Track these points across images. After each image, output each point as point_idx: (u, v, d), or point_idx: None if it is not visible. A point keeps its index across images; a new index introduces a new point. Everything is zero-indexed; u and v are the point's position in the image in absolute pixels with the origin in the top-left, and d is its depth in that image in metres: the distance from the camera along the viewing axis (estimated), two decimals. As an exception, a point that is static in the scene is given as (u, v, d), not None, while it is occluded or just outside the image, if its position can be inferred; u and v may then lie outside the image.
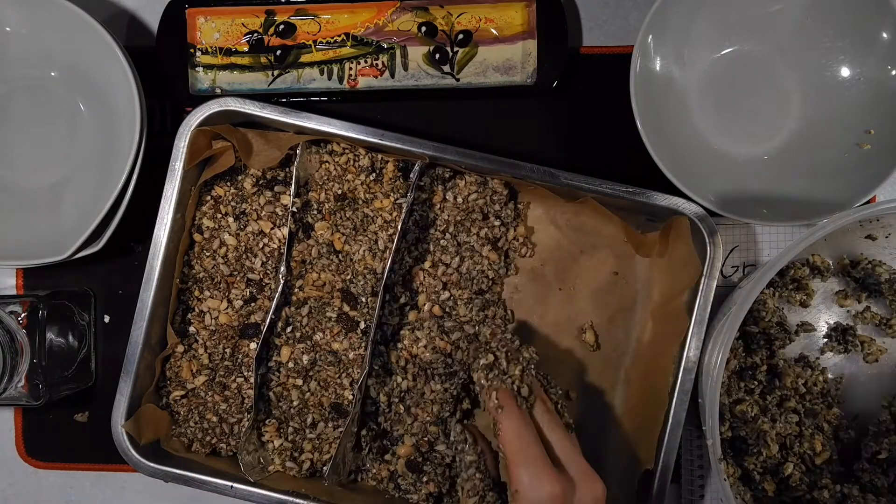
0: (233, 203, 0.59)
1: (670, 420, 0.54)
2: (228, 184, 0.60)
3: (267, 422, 0.58)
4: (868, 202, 0.56)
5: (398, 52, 0.61)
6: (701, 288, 0.55)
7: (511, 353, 0.51)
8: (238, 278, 0.59)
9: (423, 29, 0.60)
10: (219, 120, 0.57)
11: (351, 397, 0.58)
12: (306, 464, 0.58)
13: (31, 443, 0.63)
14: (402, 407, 0.57)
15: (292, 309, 0.58)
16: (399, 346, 0.58)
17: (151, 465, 0.56)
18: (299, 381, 0.58)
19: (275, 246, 0.59)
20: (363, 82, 0.61)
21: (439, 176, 0.59)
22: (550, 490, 0.45)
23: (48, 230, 0.59)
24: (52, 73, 0.61)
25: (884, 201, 0.57)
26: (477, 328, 0.58)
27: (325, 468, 0.57)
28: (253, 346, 0.59)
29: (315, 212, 0.59)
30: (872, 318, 0.59)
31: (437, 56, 0.61)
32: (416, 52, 0.61)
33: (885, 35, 0.56)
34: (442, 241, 0.59)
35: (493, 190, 0.59)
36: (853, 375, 0.60)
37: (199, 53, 0.61)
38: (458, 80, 0.61)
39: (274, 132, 0.58)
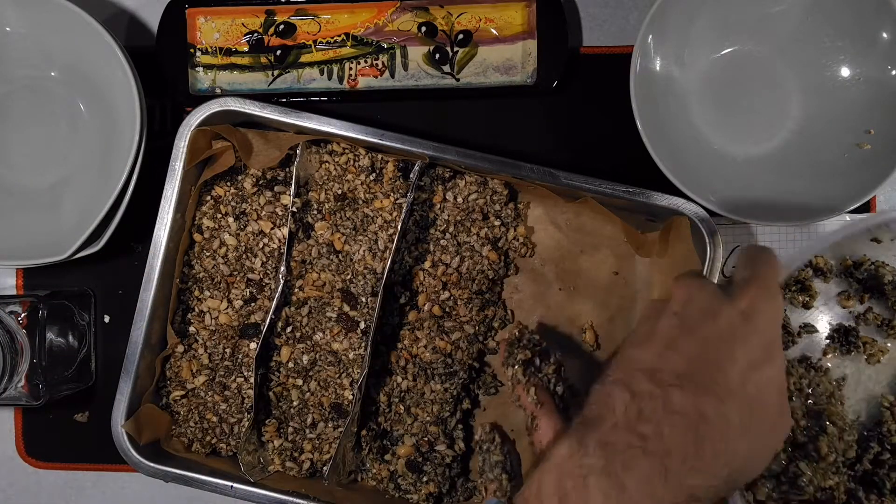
0: (233, 203, 0.59)
1: (670, 420, 0.54)
2: (228, 184, 0.60)
3: (267, 422, 0.58)
4: (868, 202, 0.56)
5: (398, 52, 0.61)
6: (701, 288, 0.54)
7: (542, 354, 0.51)
8: (238, 278, 0.59)
9: (423, 29, 0.60)
10: (219, 120, 0.57)
11: (351, 397, 0.58)
12: (306, 464, 0.58)
13: (31, 443, 0.63)
14: (402, 407, 0.57)
15: (292, 309, 0.58)
16: (399, 346, 0.58)
17: (151, 465, 0.56)
18: (299, 381, 0.58)
19: (275, 246, 0.59)
20: (363, 82, 0.61)
21: (439, 176, 0.59)
22: None
23: (48, 230, 0.59)
24: (52, 73, 0.61)
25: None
26: (478, 328, 0.58)
27: (325, 468, 0.57)
28: (253, 346, 0.59)
29: (315, 212, 0.59)
30: (875, 320, 0.59)
31: (437, 56, 0.61)
32: (416, 52, 0.61)
33: (885, 35, 0.56)
34: (442, 241, 0.59)
35: (493, 190, 0.59)
36: (855, 376, 0.60)
37: (199, 53, 0.61)
38: (458, 80, 0.61)
39: (274, 132, 0.58)
